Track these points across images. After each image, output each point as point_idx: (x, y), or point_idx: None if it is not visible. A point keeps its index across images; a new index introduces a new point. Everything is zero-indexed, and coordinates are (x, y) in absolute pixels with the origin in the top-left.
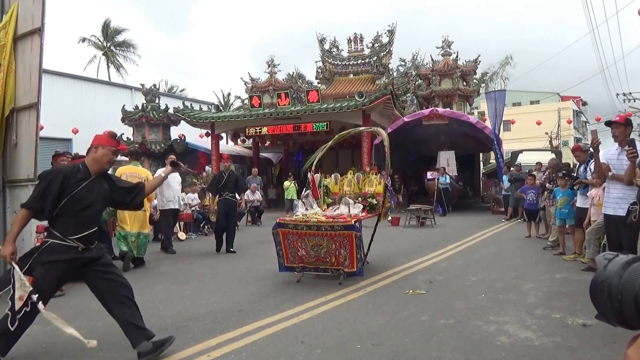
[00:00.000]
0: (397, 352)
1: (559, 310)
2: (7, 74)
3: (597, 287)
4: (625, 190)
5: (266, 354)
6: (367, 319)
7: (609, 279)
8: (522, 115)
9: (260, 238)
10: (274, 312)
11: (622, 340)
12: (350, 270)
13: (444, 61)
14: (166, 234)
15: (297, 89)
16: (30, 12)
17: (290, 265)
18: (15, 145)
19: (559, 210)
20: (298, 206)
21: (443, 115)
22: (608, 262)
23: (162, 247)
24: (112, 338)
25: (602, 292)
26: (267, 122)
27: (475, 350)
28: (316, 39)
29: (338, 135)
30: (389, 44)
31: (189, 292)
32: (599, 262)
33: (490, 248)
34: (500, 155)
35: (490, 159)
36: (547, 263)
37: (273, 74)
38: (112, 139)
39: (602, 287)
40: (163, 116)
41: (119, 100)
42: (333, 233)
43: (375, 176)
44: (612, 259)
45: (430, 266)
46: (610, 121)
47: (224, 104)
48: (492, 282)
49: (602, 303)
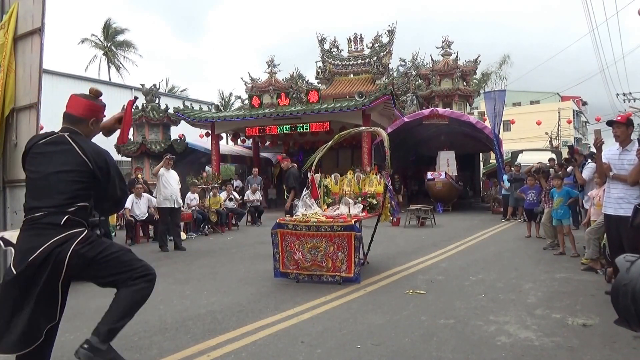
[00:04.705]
0: (397, 352)
1: (559, 310)
2: (7, 74)
3: (620, 291)
4: (626, 190)
5: (266, 354)
6: (367, 319)
7: (633, 282)
8: (522, 115)
9: (260, 238)
10: (274, 312)
11: (622, 340)
12: (347, 275)
13: (444, 61)
14: (161, 231)
15: (297, 89)
16: (30, 12)
17: (285, 271)
18: (15, 145)
19: (555, 211)
20: (298, 206)
21: (443, 115)
22: (631, 264)
23: (159, 245)
24: None
25: (624, 296)
26: (267, 122)
27: (475, 350)
28: (316, 39)
29: (338, 135)
30: (389, 44)
31: (189, 292)
32: (620, 265)
33: (490, 248)
34: (500, 155)
35: (490, 159)
36: (547, 263)
37: (273, 74)
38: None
39: (625, 290)
40: (163, 116)
41: (119, 100)
42: (332, 234)
43: (375, 176)
44: (635, 262)
45: (431, 266)
46: (612, 121)
47: (225, 104)
48: (492, 282)
49: (624, 307)
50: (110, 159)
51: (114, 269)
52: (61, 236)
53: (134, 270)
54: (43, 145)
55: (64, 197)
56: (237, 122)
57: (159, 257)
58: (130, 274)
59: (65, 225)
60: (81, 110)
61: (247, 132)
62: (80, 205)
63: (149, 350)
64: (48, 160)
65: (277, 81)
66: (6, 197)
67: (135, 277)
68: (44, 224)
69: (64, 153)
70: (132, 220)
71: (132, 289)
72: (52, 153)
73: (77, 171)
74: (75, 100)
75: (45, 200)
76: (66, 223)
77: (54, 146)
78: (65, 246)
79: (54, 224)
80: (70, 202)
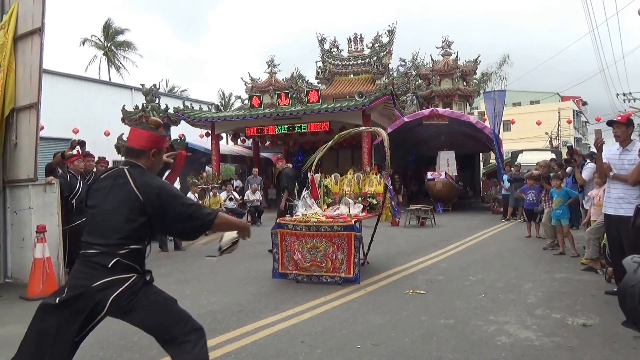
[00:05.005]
0: (397, 352)
1: (559, 310)
2: (7, 74)
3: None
4: (626, 190)
5: (266, 354)
6: (367, 319)
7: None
8: (522, 115)
9: (260, 238)
10: (274, 312)
11: (622, 340)
12: (347, 276)
13: (444, 61)
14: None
15: (297, 89)
16: (30, 12)
17: (284, 272)
18: (15, 145)
19: (553, 211)
20: (298, 206)
21: (443, 115)
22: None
23: (159, 246)
24: (112, 338)
25: (632, 297)
26: (267, 122)
27: (475, 350)
28: (316, 39)
29: (338, 135)
30: (389, 44)
31: (189, 292)
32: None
33: (490, 248)
34: (500, 156)
35: (490, 159)
36: (547, 263)
37: (273, 74)
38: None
39: (632, 292)
40: (163, 116)
41: (119, 100)
42: (332, 234)
43: (375, 176)
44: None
45: (431, 266)
46: (612, 121)
47: (225, 104)
48: (492, 282)
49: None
50: (164, 189)
51: (160, 319)
52: (106, 280)
53: (184, 322)
54: (102, 180)
55: (117, 236)
56: (237, 122)
57: (159, 257)
58: (182, 326)
59: (114, 268)
60: (142, 142)
61: (247, 132)
62: (133, 247)
63: (149, 350)
64: (105, 195)
65: (277, 81)
66: (6, 197)
67: (187, 332)
68: (93, 263)
69: (120, 187)
70: None
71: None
72: (110, 187)
73: (131, 207)
74: (134, 133)
75: (98, 238)
76: (115, 266)
77: (112, 180)
78: (107, 292)
79: (102, 265)
80: (122, 243)
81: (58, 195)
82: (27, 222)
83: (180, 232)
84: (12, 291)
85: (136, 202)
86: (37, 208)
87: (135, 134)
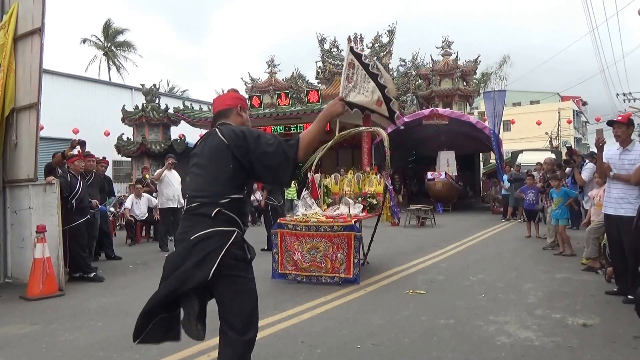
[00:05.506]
0: (397, 352)
1: (559, 310)
2: (7, 74)
3: None
4: (626, 190)
5: (266, 354)
6: (367, 319)
7: None
8: (522, 115)
9: (260, 238)
10: (273, 312)
11: (622, 340)
12: (346, 276)
13: (444, 61)
14: (161, 232)
15: (297, 89)
16: (30, 12)
17: (283, 272)
18: (15, 145)
19: (553, 211)
20: (298, 206)
21: (443, 115)
22: None
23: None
24: (112, 338)
25: None
26: (267, 122)
27: (475, 350)
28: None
29: (338, 135)
30: (389, 44)
31: None
32: None
33: (490, 248)
34: (500, 156)
35: (490, 159)
36: (547, 263)
37: (273, 74)
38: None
39: None
40: (163, 116)
41: (119, 100)
42: (332, 234)
43: (375, 176)
44: None
45: (431, 266)
46: (613, 121)
47: None
48: (492, 282)
49: None
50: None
51: (245, 305)
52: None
53: (255, 320)
54: (199, 144)
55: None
56: None
57: (159, 257)
58: (249, 319)
59: (216, 217)
60: (228, 101)
61: None
62: (234, 197)
63: (148, 350)
64: (201, 152)
65: (277, 81)
66: (6, 197)
67: (250, 329)
68: (197, 214)
69: (212, 140)
70: (132, 220)
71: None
72: (204, 145)
73: (222, 155)
74: (218, 99)
75: (200, 191)
76: (217, 215)
77: (206, 138)
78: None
79: (205, 215)
80: (222, 192)
81: (58, 195)
82: (27, 222)
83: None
84: (12, 291)
85: (224, 147)
86: (37, 208)
87: (219, 99)
